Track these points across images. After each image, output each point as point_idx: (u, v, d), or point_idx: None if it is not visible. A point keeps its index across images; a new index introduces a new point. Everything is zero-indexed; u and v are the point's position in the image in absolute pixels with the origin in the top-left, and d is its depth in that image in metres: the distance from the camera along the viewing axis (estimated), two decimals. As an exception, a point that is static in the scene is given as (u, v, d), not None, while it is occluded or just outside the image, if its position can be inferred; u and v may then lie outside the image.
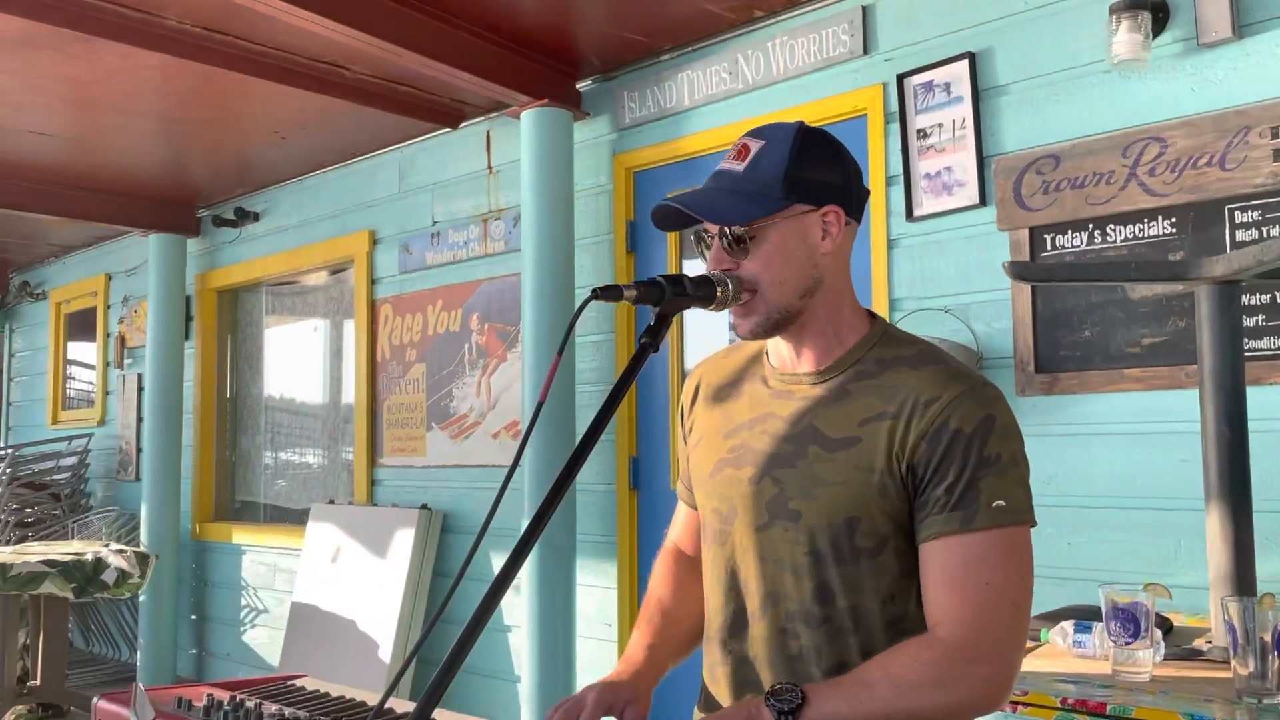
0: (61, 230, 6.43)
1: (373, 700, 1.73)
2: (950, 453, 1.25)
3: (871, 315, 1.41)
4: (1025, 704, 1.84)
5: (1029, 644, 2.20)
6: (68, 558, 4.46)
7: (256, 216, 5.53)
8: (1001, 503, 1.24)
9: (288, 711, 1.56)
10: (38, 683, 4.62)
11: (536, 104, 3.78)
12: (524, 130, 3.82)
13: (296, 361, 5.59)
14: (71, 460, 6.52)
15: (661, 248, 3.77)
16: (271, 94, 4.08)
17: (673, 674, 1.55)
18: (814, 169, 1.31)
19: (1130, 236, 2.71)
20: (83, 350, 7.10)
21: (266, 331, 5.77)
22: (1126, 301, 2.72)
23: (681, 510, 1.63)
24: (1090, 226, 2.77)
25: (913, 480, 1.28)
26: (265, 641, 5.29)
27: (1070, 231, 2.81)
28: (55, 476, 6.47)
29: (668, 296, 1.27)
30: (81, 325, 7.08)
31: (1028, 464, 1.29)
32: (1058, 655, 2.11)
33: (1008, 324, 2.90)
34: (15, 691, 4.51)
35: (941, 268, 3.06)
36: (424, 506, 4.38)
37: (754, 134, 1.34)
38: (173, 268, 5.83)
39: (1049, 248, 2.84)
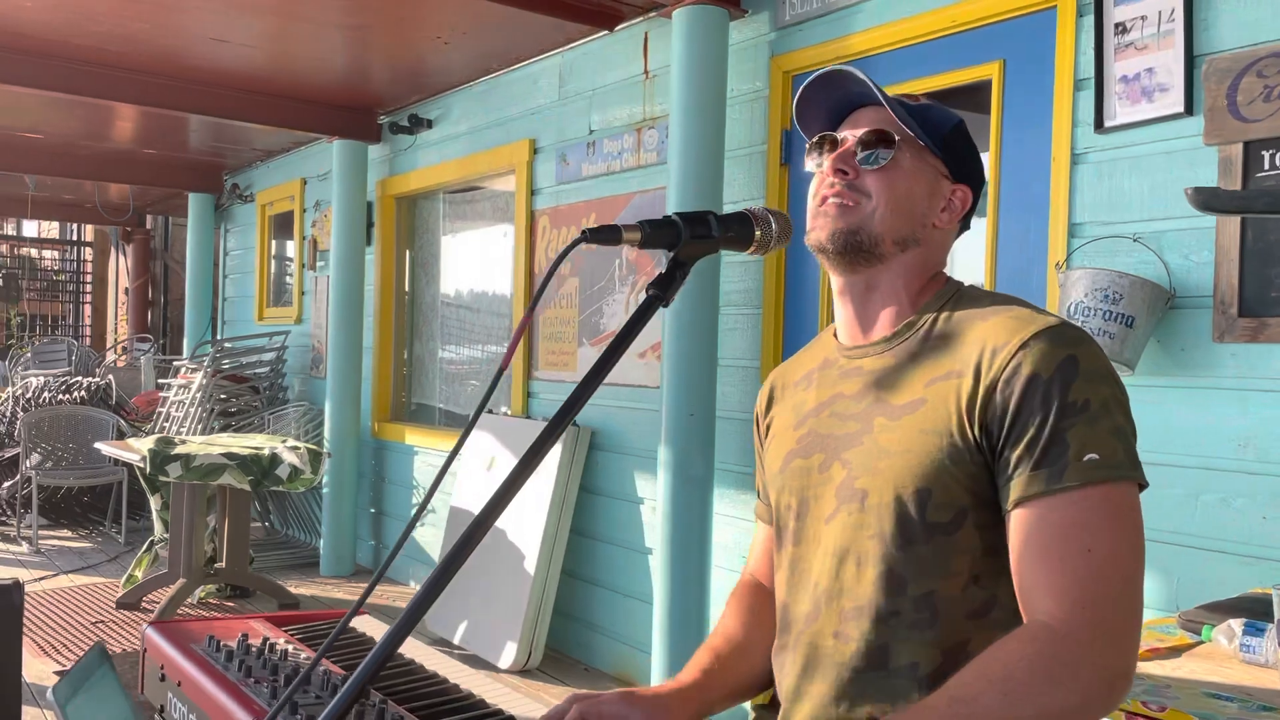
0: (264, 136, 6.70)
1: (434, 661, 1.65)
2: (1027, 401, 1.05)
3: (948, 280, 1.24)
4: (1161, 720, 1.54)
5: (1188, 640, 1.88)
6: (247, 451, 4.71)
7: (430, 123, 5.54)
8: (1094, 455, 1.03)
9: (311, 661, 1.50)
10: (223, 565, 4.96)
11: (690, 1, 3.51)
12: (676, 30, 3.56)
13: (472, 269, 5.63)
14: (271, 355, 6.92)
15: (818, 161, 3.44)
16: (430, -3, 4.00)
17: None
18: (968, 148, 1.26)
19: (1374, 154, 2.21)
20: (291, 249, 7.47)
21: (443, 239, 5.83)
22: (1362, 235, 2.23)
23: (759, 534, 1.42)
24: (1322, 142, 2.28)
25: (988, 442, 1.08)
26: (431, 540, 5.47)
27: (1296, 147, 2.32)
28: (256, 370, 6.89)
29: (684, 240, 1.06)
30: (285, 226, 7.44)
31: (1128, 415, 1.07)
32: (1221, 658, 1.78)
33: (1209, 257, 2.46)
34: (203, 572, 4.86)
35: (1134, 188, 2.63)
36: (574, 422, 4.33)
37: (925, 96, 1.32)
38: (355, 174, 5.96)
39: (1267, 167, 2.37)
